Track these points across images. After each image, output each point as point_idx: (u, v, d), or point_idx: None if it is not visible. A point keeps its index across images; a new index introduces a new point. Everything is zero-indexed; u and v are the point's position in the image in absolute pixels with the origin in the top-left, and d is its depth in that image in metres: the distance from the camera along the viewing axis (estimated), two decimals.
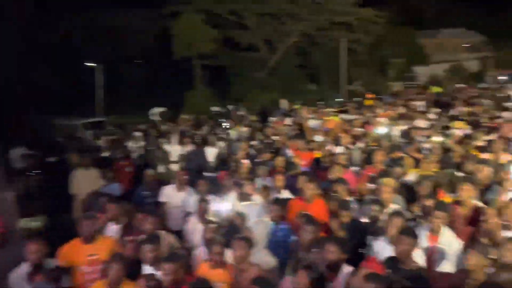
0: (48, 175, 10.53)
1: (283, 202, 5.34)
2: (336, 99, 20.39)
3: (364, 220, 5.25)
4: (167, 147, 9.94)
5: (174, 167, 9.49)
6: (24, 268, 4.22)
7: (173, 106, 27.19)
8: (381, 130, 8.41)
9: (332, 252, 3.95)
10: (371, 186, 5.82)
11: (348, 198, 5.69)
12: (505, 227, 4.51)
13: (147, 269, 4.27)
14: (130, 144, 11.09)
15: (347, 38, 28.60)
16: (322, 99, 24.16)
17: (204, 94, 25.76)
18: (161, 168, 9.45)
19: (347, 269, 3.92)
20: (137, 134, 12.21)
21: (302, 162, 7.38)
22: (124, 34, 33.36)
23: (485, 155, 6.51)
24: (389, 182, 5.42)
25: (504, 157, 6.27)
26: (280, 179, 6.19)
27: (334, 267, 3.96)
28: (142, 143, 11.62)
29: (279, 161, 7.26)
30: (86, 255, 4.55)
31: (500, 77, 26.85)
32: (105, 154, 10.80)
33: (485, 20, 47.45)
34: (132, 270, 4.44)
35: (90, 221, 4.71)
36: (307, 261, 4.05)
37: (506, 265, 3.59)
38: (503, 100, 13.42)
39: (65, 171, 9.00)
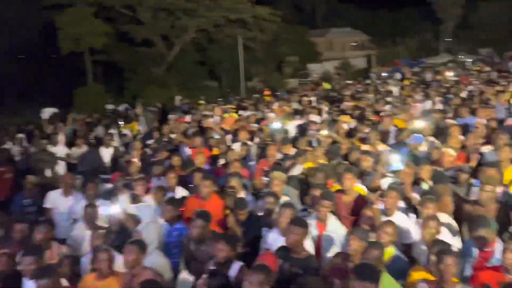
0: None
1: (177, 202, 5.25)
2: (230, 97, 20.64)
3: (260, 213, 5.38)
4: (53, 149, 9.21)
5: (61, 170, 8.84)
6: None
7: (62, 105, 25.36)
8: (275, 125, 8.69)
9: (221, 249, 3.98)
10: (265, 179, 5.99)
11: (243, 193, 5.79)
12: (384, 212, 4.94)
13: (26, 283, 3.91)
14: (12, 147, 10.11)
15: (244, 35, 29.11)
16: (223, 96, 24.34)
17: (96, 91, 24.36)
18: (47, 172, 8.74)
19: (237, 265, 3.97)
20: (20, 136, 11.16)
21: (199, 160, 7.33)
22: (4, 26, 30.21)
23: (365, 146, 7.08)
24: (279, 175, 5.62)
25: (381, 148, 6.86)
26: (173, 178, 6.07)
27: (224, 264, 3.99)
28: (26, 146, 10.67)
29: (175, 160, 7.13)
30: None
31: (383, 74, 29.32)
32: None
33: (368, 20, 51.84)
34: (11, 284, 4.07)
35: None
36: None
37: (375, 242, 3.91)
38: (385, 95, 14.67)
39: None
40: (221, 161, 7.56)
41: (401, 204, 5.16)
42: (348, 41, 48.72)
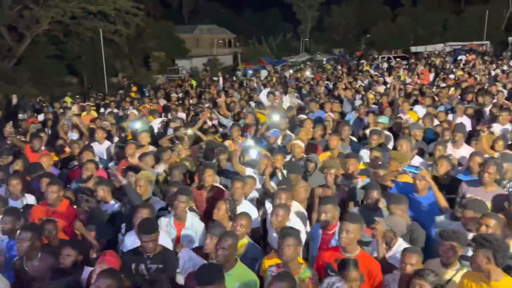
0: None
1: (17, 213, 4.72)
2: (92, 94, 19.44)
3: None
4: None
5: None
6: None
7: None
8: (135, 124, 8.39)
9: (69, 255, 3.73)
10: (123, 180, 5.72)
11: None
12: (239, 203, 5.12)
13: None
14: None
15: (106, 28, 27.51)
16: (84, 92, 22.75)
17: None
18: None
19: (88, 270, 3.76)
20: None
21: (50, 163, 6.71)
22: None
23: (226, 142, 7.28)
24: (146, 175, 5.43)
25: (242, 142, 7.11)
26: (17, 184, 5.47)
27: (73, 271, 3.76)
28: None
29: (18, 164, 6.43)
30: None
31: (248, 71, 30.48)
32: None
33: (234, 18, 53.40)
34: None
35: None
36: None
37: (229, 232, 4.02)
38: (251, 92, 15.20)
39: None
40: (75, 163, 7.03)
41: (253, 194, 5.45)
42: (215, 39, 49.54)
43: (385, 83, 14.98)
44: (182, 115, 11.01)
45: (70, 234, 4.89)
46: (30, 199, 5.66)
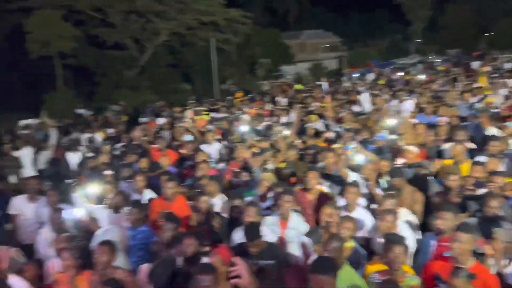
0: None
1: (141, 205, 5.27)
2: (202, 100, 20.66)
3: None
4: (18, 153, 9.07)
5: (28, 175, 8.71)
6: None
7: (32, 110, 24.80)
8: (244, 127, 8.79)
9: (190, 245, 4.06)
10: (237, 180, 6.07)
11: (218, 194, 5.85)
12: (345, 208, 5.09)
13: None
14: None
15: (217, 38, 29.14)
16: (197, 98, 24.31)
17: (66, 96, 23.95)
18: (12, 178, 8.60)
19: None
20: None
21: (165, 162, 7.36)
22: None
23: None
24: (267, 177, 5.70)
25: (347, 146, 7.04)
26: (140, 180, 6.09)
27: (192, 260, 4.07)
28: None
29: (143, 162, 7.15)
30: None
31: (353, 75, 29.91)
32: None
33: (340, 22, 52.71)
34: None
35: None
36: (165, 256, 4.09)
37: (335, 235, 4.04)
38: (355, 95, 14.94)
39: None
40: (190, 163, 7.61)
41: (362, 200, 5.35)
42: (320, 43, 49.39)
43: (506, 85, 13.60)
44: (285, 119, 11.26)
45: (185, 227, 5.32)
46: (150, 194, 6.27)
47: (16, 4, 24.63)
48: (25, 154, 9.38)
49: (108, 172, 6.74)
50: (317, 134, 8.74)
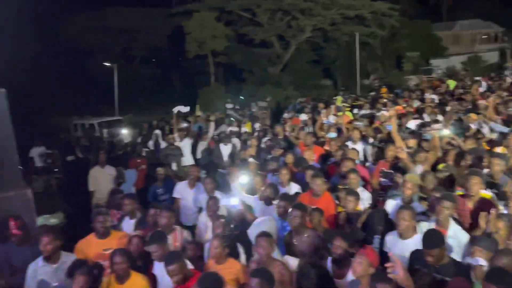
0: (67, 173, 10.85)
1: (290, 198, 5.41)
2: (345, 96, 20.25)
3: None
4: (179, 144, 10.10)
5: (187, 163, 9.66)
6: (39, 261, 4.38)
7: (187, 104, 27.48)
8: (391, 125, 8.36)
9: (339, 246, 4.02)
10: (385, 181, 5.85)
11: (360, 189, 5.74)
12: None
13: (157, 265, 4.39)
14: (150, 142, 11.32)
15: (361, 32, 28.37)
16: (337, 94, 24.09)
17: (218, 91, 25.93)
18: (174, 165, 9.62)
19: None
20: (156, 132, 12.45)
21: (312, 157, 7.43)
22: (137, 34, 33.86)
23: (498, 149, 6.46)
24: (411, 178, 5.41)
25: None
26: (286, 174, 6.25)
27: (341, 262, 4.03)
28: (159, 141, 11.85)
29: (289, 157, 7.33)
30: (100, 250, 4.71)
31: None
32: (121, 152, 11.05)
33: (500, 10, 46.46)
34: (143, 262, 4.60)
35: (103, 216, 4.87)
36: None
37: (505, 250, 3.60)
38: None
39: (83, 169, 9.28)
40: (334, 159, 7.56)
41: None
42: (478, 34, 44.39)
43: None
44: (439, 117, 10.40)
45: (329, 223, 5.31)
46: (295, 187, 6.40)
47: (178, 9, 27.50)
48: (185, 144, 10.40)
49: (256, 164, 7.09)
50: (477, 135, 7.90)
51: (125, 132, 14.28)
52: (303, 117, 13.70)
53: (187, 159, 10.17)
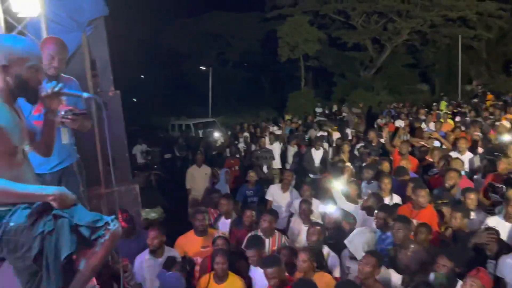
0: (165, 170, 11.50)
1: (390, 209, 5.14)
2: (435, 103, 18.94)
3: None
4: (270, 147, 10.19)
5: (276, 167, 9.71)
6: (145, 254, 4.64)
7: (277, 108, 27.76)
8: (506, 137, 7.60)
9: (444, 265, 3.73)
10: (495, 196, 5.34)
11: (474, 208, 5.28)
12: None
13: (253, 269, 4.41)
14: (240, 145, 11.61)
15: (464, 34, 26.28)
16: (435, 100, 22.66)
17: (307, 95, 25.79)
18: (264, 168, 9.72)
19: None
20: (245, 134, 12.74)
21: (409, 167, 7.02)
22: (232, 38, 34.97)
23: None
24: None
25: None
26: (387, 183, 5.96)
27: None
28: (250, 144, 12.10)
29: (385, 165, 7.00)
30: (199, 247, 4.88)
31: None
32: (215, 152, 11.45)
33: None
34: (239, 263, 4.66)
35: (202, 215, 5.04)
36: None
37: None
38: None
39: (180, 167, 9.78)
40: (437, 170, 7.07)
41: None
42: None
43: None
44: None
45: (433, 241, 4.94)
46: (397, 198, 6.08)
47: (273, 13, 27.82)
48: (275, 147, 10.48)
49: (352, 171, 6.88)
50: None
51: (218, 134, 14.78)
52: (399, 123, 13.07)
53: (276, 163, 10.24)
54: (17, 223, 2.05)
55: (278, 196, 6.86)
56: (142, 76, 36.77)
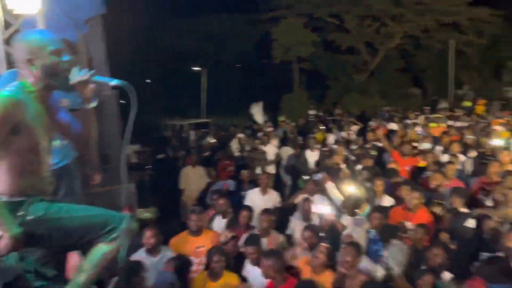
0: (158, 171, 11.48)
1: (384, 210, 5.19)
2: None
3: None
4: (264, 148, 10.19)
5: (271, 168, 9.71)
6: (140, 253, 4.63)
7: (271, 109, 27.76)
8: (498, 141, 7.69)
9: (437, 255, 3.82)
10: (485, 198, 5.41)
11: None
12: None
13: (248, 267, 4.43)
14: (234, 146, 11.59)
15: (457, 39, 26.53)
16: (427, 104, 22.80)
17: (301, 98, 25.85)
18: (257, 170, 9.71)
19: (447, 276, 3.73)
20: (240, 135, 12.72)
21: (401, 169, 7.08)
22: (226, 39, 34.97)
23: None
24: None
25: None
26: (380, 185, 6.02)
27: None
28: (244, 145, 12.08)
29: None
30: (193, 247, 4.88)
31: None
32: (209, 153, 11.44)
33: None
34: (235, 262, 4.67)
35: (198, 215, 5.05)
36: None
37: None
38: None
39: (174, 167, 9.75)
40: (428, 173, 7.14)
41: None
42: None
43: None
44: None
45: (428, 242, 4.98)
46: (389, 200, 6.13)
47: (267, 15, 27.85)
48: (269, 149, 10.47)
49: (347, 172, 6.92)
50: None
51: (211, 135, 14.77)
52: (392, 126, 13.17)
53: (270, 166, 10.19)
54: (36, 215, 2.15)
55: (259, 200, 6.80)
56: (137, 76, 36.59)
